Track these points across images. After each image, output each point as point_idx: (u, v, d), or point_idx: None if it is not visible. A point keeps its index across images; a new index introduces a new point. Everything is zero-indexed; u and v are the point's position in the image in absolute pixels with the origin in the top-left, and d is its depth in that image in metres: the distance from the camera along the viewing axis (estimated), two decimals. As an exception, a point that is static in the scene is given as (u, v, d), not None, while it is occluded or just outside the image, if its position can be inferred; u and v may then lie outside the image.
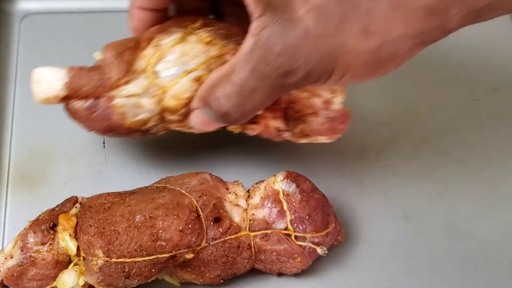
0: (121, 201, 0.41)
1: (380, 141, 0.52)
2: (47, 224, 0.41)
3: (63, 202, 0.43)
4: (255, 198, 0.43)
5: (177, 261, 0.40)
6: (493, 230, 0.48)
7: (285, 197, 0.42)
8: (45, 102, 0.41)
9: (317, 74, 0.33)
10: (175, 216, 0.40)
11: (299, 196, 0.42)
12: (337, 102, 0.43)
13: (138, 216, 0.40)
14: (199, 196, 0.41)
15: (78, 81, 0.40)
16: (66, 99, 0.41)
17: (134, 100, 0.40)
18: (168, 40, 0.40)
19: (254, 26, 0.33)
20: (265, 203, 0.42)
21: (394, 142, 0.52)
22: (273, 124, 0.43)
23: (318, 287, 0.45)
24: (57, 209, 0.42)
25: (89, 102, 0.41)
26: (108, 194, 0.43)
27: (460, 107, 0.54)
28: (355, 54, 0.32)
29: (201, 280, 0.42)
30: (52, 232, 0.40)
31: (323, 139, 0.45)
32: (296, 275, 0.44)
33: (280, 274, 0.44)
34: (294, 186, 0.42)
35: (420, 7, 0.31)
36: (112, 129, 0.42)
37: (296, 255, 0.41)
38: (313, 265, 0.43)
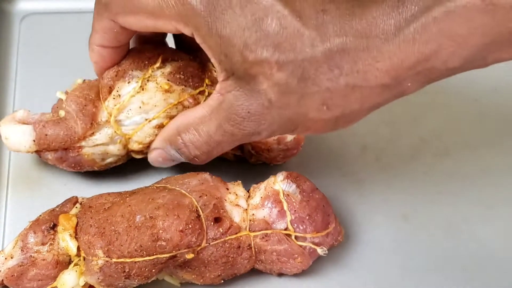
0: (121, 201, 0.41)
1: (380, 141, 0.52)
2: (48, 224, 0.41)
3: (63, 202, 0.43)
4: (255, 198, 0.43)
5: (178, 261, 0.40)
6: (493, 230, 0.48)
7: (285, 197, 0.42)
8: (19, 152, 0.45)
9: (280, 133, 0.37)
10: (175, 216, 0.40)
11: (299, 196, 0.42)
12: (290, 136, 0.45)
13: (138, 216, 0.40)
14: (199, 196, 0.41)
15: (45, 137, 0.43)
16: (37, 152, 0.44)
17: (101, 148, 0.44)
18: (127, 90, 0.42)
19: (219, 87, 0.36)
20: (265, 203, 0.42)
21: (394, 142, 0.52)
22: (231, 151, 0.47)
23: (318, 287, 0.45)
24: (57, 209, 0.42)
25: (59, 153, 0.44)
26: (108, 194, 0.43)
27: (460, 107, 0.54)
28: (315, 121, 0.35)
29: (201, 280, 0.42)
30: (52, 232, 0.40)
31: (276, 162, 0.48)
32: (296, 275, 0.44)
33: (280, 274, 0.44)
34: (294, 186, 0.42)
35: (375, 85, 0.32)
36: (84, 169, 0.46)
37: (296, 255, 0.41)
38: (313, 265, 0.43)
